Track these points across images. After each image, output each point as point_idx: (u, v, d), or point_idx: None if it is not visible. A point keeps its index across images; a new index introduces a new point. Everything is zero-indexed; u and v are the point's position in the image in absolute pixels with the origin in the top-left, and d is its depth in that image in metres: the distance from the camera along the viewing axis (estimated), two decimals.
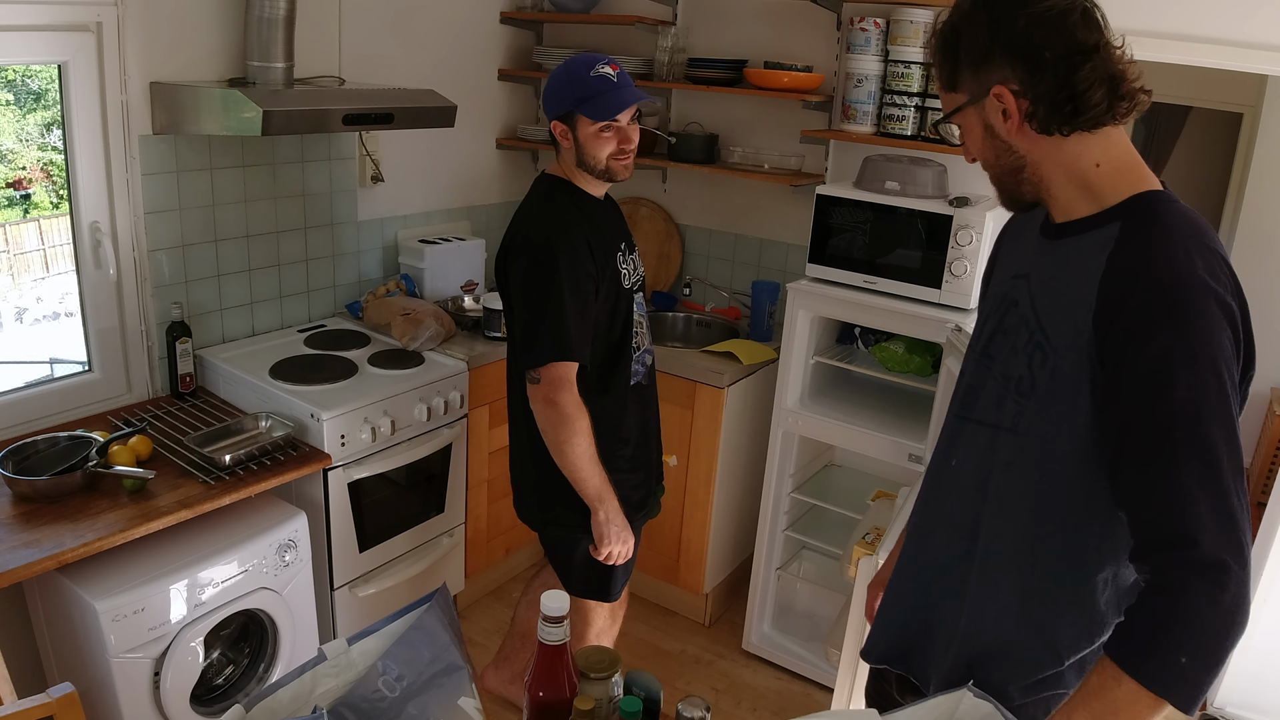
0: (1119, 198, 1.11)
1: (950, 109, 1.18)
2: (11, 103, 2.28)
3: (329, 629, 2.54)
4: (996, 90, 1.11)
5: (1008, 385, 1.20)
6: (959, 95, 1.16)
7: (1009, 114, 1.12)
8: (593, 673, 1.19)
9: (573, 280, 1.86)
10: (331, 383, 2.50)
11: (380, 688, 0.96)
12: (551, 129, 1.95)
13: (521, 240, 1.93)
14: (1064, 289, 1.14)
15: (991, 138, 1.16)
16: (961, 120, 1.18)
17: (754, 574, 2.92)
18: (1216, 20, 2.34)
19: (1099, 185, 1.12)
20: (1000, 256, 1.37)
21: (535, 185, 2.04)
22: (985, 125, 1.15)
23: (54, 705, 1.33)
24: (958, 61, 1.14)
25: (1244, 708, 2.79)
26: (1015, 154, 1.15)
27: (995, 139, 1.15)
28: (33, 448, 2.10)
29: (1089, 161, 1.12)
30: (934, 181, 2.56)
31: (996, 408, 1.22)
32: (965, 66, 1.13)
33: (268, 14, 2.35)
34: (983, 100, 1.13)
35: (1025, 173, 1.16)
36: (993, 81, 1.11)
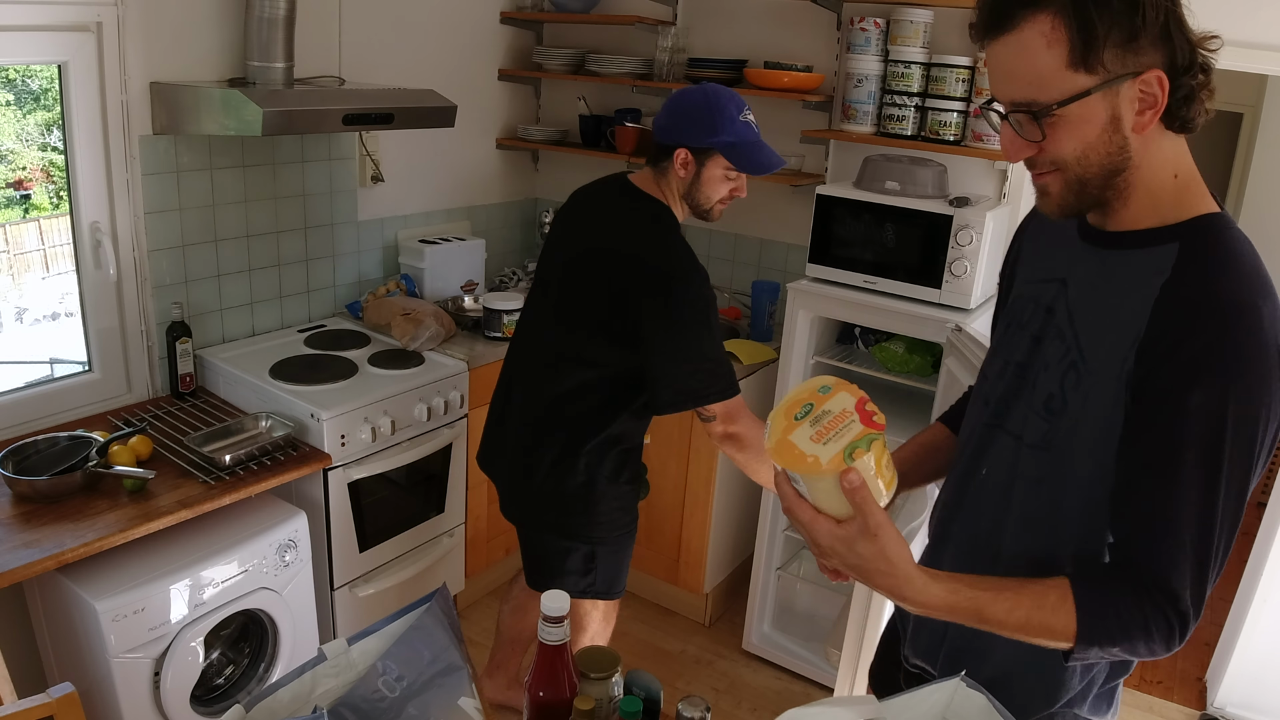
0: (1181, 216, 1.02)
1: (1073, 92, 0.96)
2: (12, 103, 2.28)
3: (329, 629, 2.54)
4: (1149, 75, 0.94)
5: (1040, 402, 1.13)
6: (1090, 77, 0.95)
7: (1151, 104, 0.96)
8: (593, 673, 1.19)
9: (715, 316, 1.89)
10: (331, 383, 2.50)
11: (380, 688, 0.96)
12: (675, 155, 1.88)
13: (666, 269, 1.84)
14: (1108, 309, 1.06)
15: (1111, 133, 0.98)
16: (1079, 109, 0.97)
17: (754, 574, 2.92)
18: (1216, 20, 2.34)
19: (1169, 198, 1.03)
20: (1023, 254, 1.28)
21: (638, 203, 1.94)
22: (1113, 116, 0.97)
23: (54, 705, 1.33)
24: (1105, 31, 0.93)
25: (1244, 708, 2.79)
26: (1126, 153, 1.00)
27: (1115, 134, 0.98)
28: (33, 448, 2.10)
29: (1170, 171, 1.02)
30: (934, 181, 2.56)
31: (1025, 422, 1.15)
32: (1111, 42, 0.93)
33: (268, 14, 2.35)
34: (1121, 85, 0.95)
35: (1123, 176, 1.02)
36: (1146, 64, 0.94)
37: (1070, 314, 1.10)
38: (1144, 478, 1.01)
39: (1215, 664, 2.91)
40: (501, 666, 2.58)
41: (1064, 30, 0.94)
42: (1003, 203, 2.70)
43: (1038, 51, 0.96)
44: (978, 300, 2.47)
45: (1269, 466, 4.61)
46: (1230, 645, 2.78)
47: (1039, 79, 0.97)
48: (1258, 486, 2.56)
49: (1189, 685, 2.97)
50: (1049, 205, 1.06)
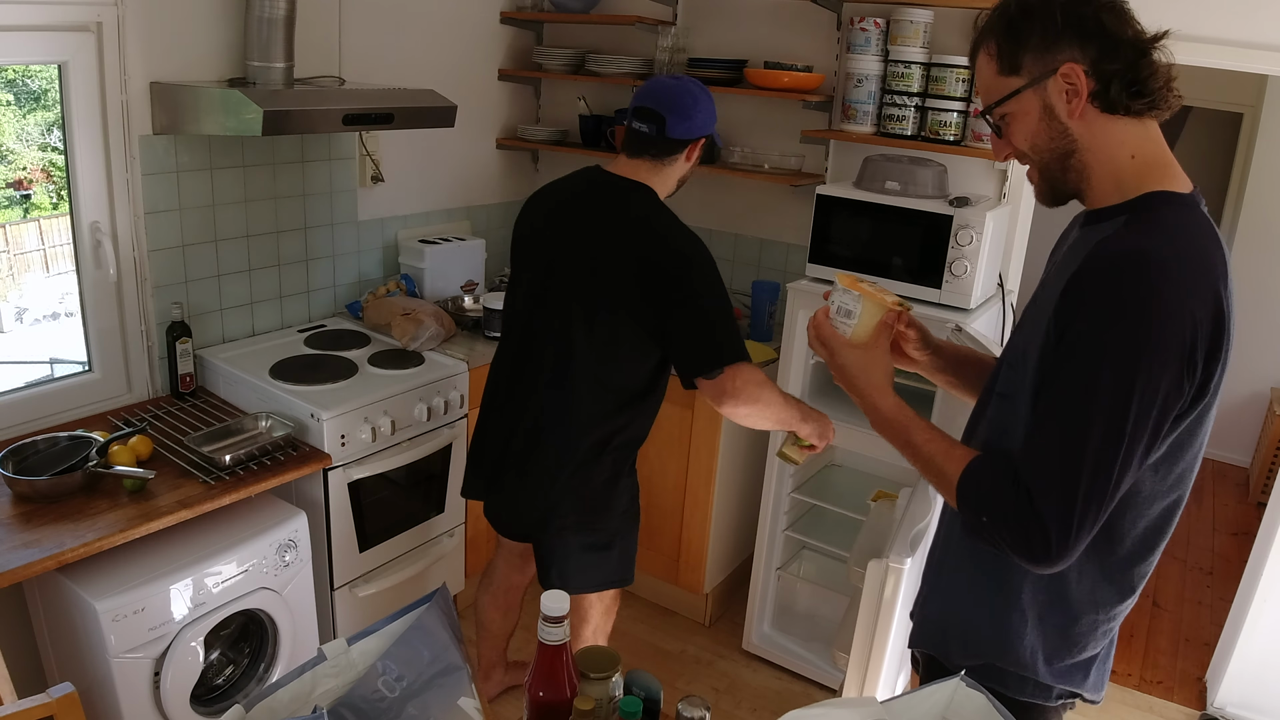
0: (1138, 192, 1.15)
1: (1005, 93, 1.18)
2: (12, 103, 2.28)
3: (329, 629, 2.54)
4: (1066, 69, 1.12)
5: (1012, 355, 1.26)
6: (1017, 78, 1.16)
7: (1076, 93, 1.13)
8: (593, 673, 1.19)
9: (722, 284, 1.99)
10: (331, 383, 2.50)
11: (380, 688, 0.96)
12: (692, 145, 2.01)
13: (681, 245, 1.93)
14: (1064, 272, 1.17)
15: (1048, 121, 1.16)
16: (1017, 105, 1.17)
17: (754, 574, 2.92)
18: (1216, 20, 2.34)
19: (1128, 177, 1.16)
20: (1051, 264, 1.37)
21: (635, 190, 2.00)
22: (1045, 107, 1.15)
23: (54, 705, 1.33)
24: (1021, 42, 1.14)
25: (1244, 708, 2.79)
26: (1069, 138, 1.16)
27: (1052, 122, 1.16)
28: (33, 448, 2.10)
29: (1127, 152, 1.15)
30: (934, 181, 2.56)
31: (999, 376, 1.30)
32: (1031, 48, 1.14)
33: (268, 14, 2.35)
34: (1046, 81, 1.14)
35: (1074, 159, 1.17)
36: (1062, 60, 1.12)
37: (1045, 281, 1.25)
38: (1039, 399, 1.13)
39: (1215, 664, 2.91)
40: (495, 665, 2.62)
41: (994, 47, 1.17)
42: (1003, 203, 2.70)
43: (984, 68, 1.20)
44: (978, 300, 2.47)
45: (1270, 467, 4.56)
46: (1230, 645, 2.78)
47: (987, 89, 1.21)
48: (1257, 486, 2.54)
49: (1189, 685, 2.97)
50: (1037, 195, 1.25)
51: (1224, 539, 4.06)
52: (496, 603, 2.51)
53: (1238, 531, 4.11)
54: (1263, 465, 4.39)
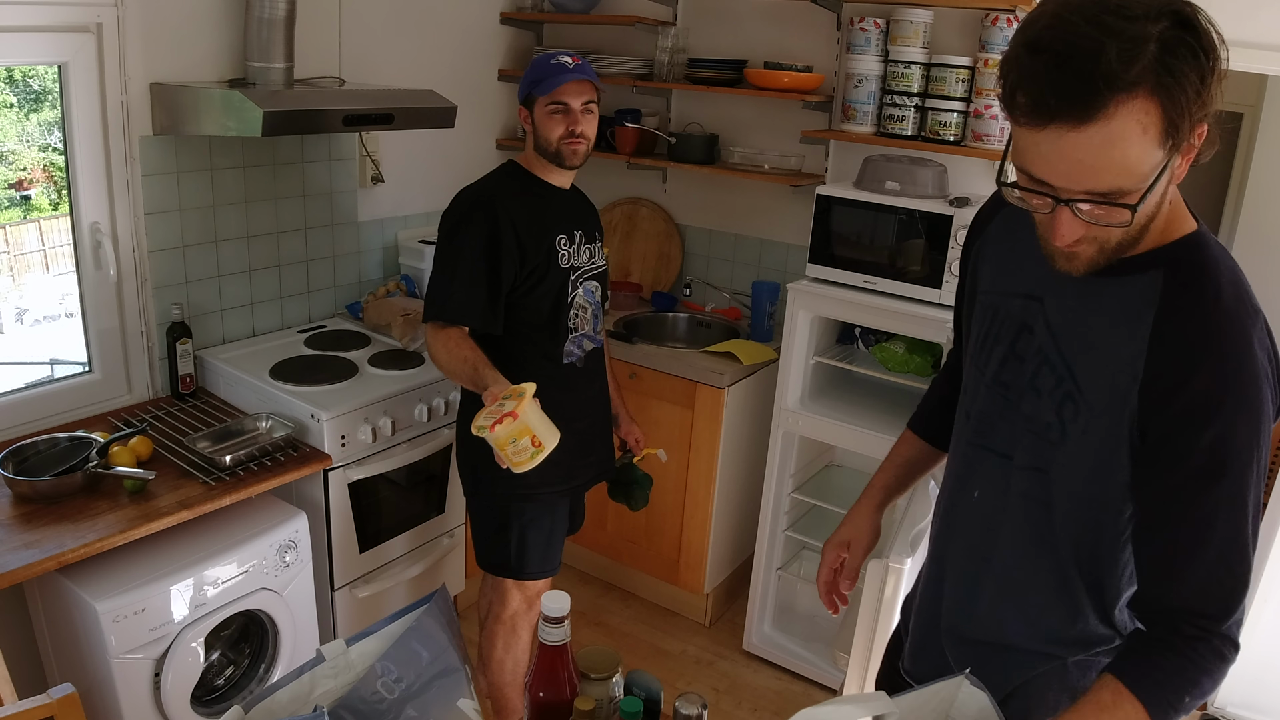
0: (1162, 240, 1.01)
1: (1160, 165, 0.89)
2: (13, 104, 2.28)
3: (329, 629, 2.54)
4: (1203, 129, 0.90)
5: (1033, 427, 1.13)
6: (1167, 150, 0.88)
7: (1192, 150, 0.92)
8: (593, 673, 1.19)
9: (480, 248, 2.00)
10: (332, 383, 2.50)
11: (379, 689, 0.96)
12: (519, 116, 2.14)
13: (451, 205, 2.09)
14: (1100, 341, 1.05)
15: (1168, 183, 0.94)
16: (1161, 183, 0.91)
17: (754, 574, 2.92)
18: (1216, 20, 2.34)
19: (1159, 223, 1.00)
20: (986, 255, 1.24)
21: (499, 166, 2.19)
22: (1173, 176, 0.93)
23: (54, 706, 1.33)
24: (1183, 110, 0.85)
25: (1244, 708, 2.79)
26: (1165, 202, 0.99)
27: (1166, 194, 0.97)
28: (33, 448, 2.10)
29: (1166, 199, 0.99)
30: (934, 181, 2.56)
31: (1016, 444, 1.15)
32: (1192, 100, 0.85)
33: (268, 14, 2.35)
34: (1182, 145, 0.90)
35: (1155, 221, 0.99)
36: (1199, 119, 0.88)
37: (1054, 338, 1.10)
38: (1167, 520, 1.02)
39: None
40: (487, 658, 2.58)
41: (1158, 110, 0.85)
42: None
43: (1133, 139, 0.85)
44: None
45: (1270, 467, 4.60)
46: None
47: (1129, 167, 0.87)
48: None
49: None
50: (1078, 266, 1.00)
51: None
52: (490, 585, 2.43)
53: None
54: None
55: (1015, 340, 1.15)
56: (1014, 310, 1.15)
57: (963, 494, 1.26)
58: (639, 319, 3.20)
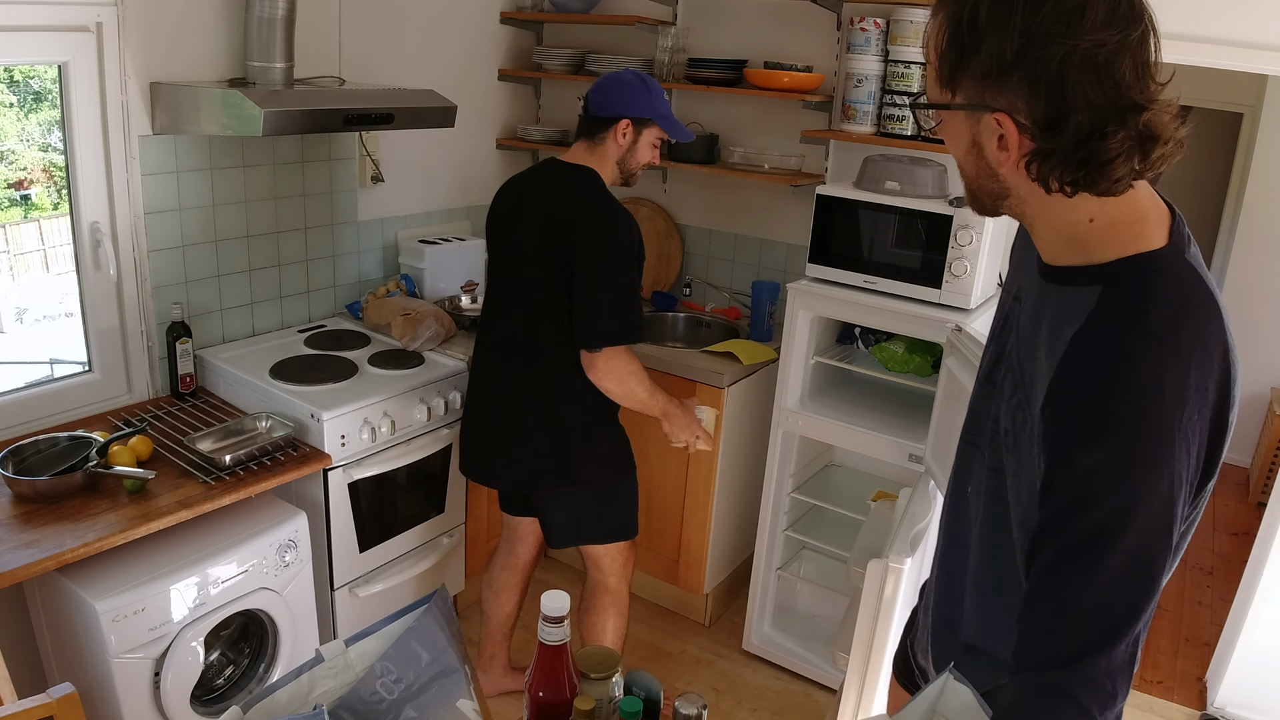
0: (1108, 257, 0.95)
1: (934, 99, 0.98)
2: (13, 104, 2.28)
3: (329, 629, 2.54)
4: (999, 117, 0.91)
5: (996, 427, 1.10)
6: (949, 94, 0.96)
7: (1006, 146, 0.93)
8: (593, 673, 1.19)
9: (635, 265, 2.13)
10: (331, 383, 2.50)
11: (378, 689, 0.96)
12: (616, 125, 2.15)
13: (601, 218, 2.10)
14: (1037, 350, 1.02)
15: (977, 156, 0.97)
16: (947, 118, 0.98)
17: (754, 574, 2.92)
18: (1216, 20, 2.34)
19: (1089, 241, 0.96)
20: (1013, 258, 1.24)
21: (573, 170, 2.19)
22: (973, 140, 0.96)
23: (54, 705, 1.33)
24: (964, 60, 0.91)
25: (1244, 708, 2.79)
26: (999, 182, 0.97)
27: (981, 159, 0.97)
28: (33, 448, 2.10)
29: (1082, 216, 0.95)
30: (934, 181, 2.56)
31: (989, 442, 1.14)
32: (972, 71, 0.91)
33: (268, 14, 2.35)
34: (979, 114, 0.93)
35: (1007, 203, 0.99)
36: (1000, 104, 0.91)
37: (1018, 343, 1.08)
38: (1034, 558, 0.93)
39: (1215, 664, 2.91)
40: (495, 657, 2.66)
41: (944, 40, 0.93)
42: None
43: (929, 51, 0.97)
44: (978, 300, 2.47)
45: (1270, 467, 4.57)
46: (1230, 645, 2.78)
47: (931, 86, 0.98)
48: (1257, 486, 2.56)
49: (1189, 685, 2.97)
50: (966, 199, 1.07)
51: (1224, 539, 4.06)
52: (491, 583, 2.60)
53: (1238, 531, 4.11)
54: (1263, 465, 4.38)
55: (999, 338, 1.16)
56: (1009, 310, 1.16)
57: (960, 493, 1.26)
58: None
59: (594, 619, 2.44)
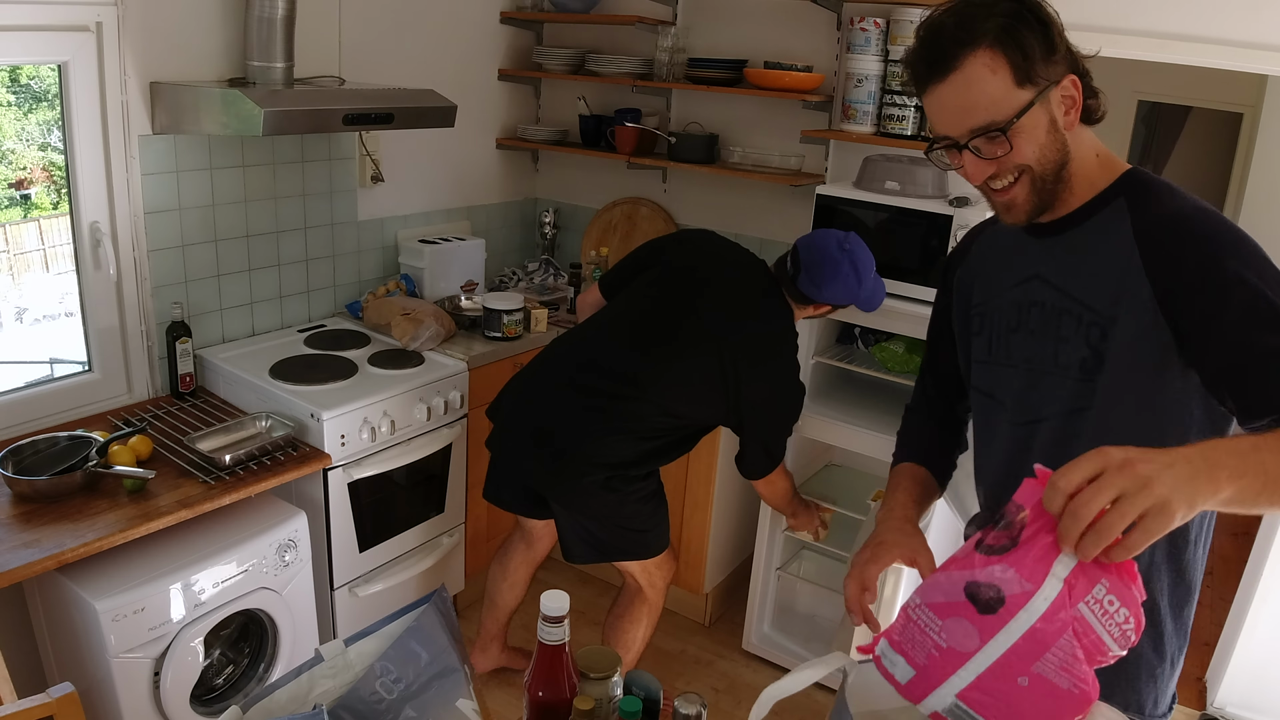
0: (1108, 182, 1.19)
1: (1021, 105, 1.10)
2: (13, 104, 2.28)
3: (329, 629, 2.54)
4: (1070, 80, 1.11)
5: (1070, 373, 1.21)
6: (1029, 90, 1.10)
7: (1074, 103, 1.13)
8: (592, 673, 1.19)
9: None
10: (331, 383, 2.50)
11: (378, 689, 0.96)
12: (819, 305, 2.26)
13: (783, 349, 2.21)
14: (1095, 269, 1.18)
15: (1053, 133, 1.13)
16: (1030, 118, 1.11)
17: (754, 574, 2.92)
18: (1216, 20, 2.34)
19: (1096, 174, 1.19)
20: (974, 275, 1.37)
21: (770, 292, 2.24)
22: (1050, 120, 1.12)
23: (54, 705, 1.33)
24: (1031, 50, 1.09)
25: (1244, 708, 2.79)
26: (1065, 149, 1.15)
27: (1056, 134, 1.14)
28: (32, 448, 2.10)
29: (1093, 152, 1.19)
30: (934, 181, 2.56)
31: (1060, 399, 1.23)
32: (1039, 57, 1.09)
33: (268, 14, 2.35)
34: (1050, 92, 1.11)
35: (1067, 169, 1.17)
36: (1062, 70, 1.11)
37: (1062, 291, 1.22)
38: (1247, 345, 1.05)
39: (1215, 664, 2.91)
40: (494, 638, 2.68)
41: (1003, 56, 1.08)
42: None
43: (985, 80, 1.09)
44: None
45: None
46: (1230, 645, 2.78)
47: (993, 103, 1.10)
48: None
49: (1189, 685, 2.97)
50: (1018, 214, 1.19)
51: (1224, 539, 4.06)
52: (506, 575, 2.60)
53: (1237, 532, 4.11)
54: None
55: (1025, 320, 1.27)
56: (1014, 299, 1.28)
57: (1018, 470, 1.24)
58: None
59: (626, 626, 2.42)
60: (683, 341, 2.15)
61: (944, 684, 0.90)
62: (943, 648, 0.90)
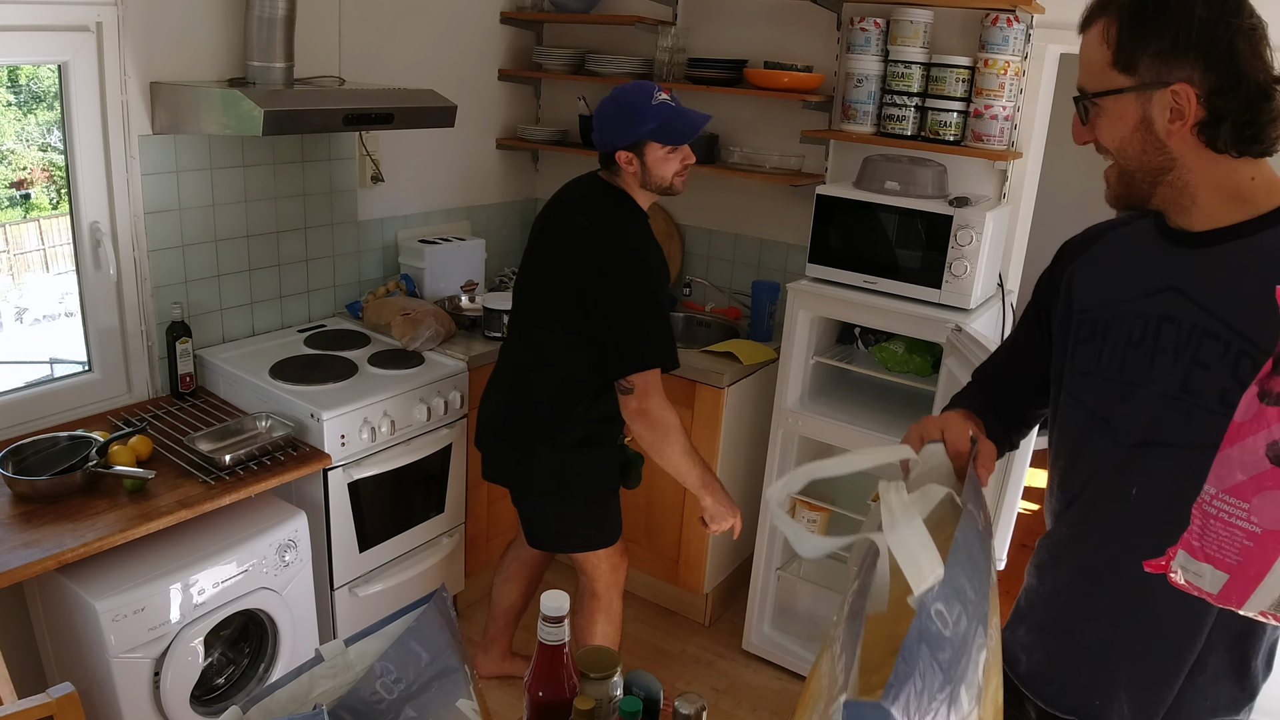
0: (1273, 204, 1.07)
1: (1107, 87, 1.07)
2: (13, 103, 2.28)
3: (329, 629, 2.54)
4: (1179, 88, 1.02)
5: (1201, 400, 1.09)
6: (1126, 77, 1.06)
7: (1180, 115, 1.04)
8: (593, 673, 1.19)
9: (664, 294, 2.08)
10: (331, 383, 2.50)
11: (378, 689, 0.96)
12: (616, 158, 2.08)
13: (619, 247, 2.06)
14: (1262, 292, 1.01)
15: (1144, 133, 1.07)
16: (1115, 104, 1.08)
17: (754, 574, 2.92)
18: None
19: (1253, 196, 1.08)
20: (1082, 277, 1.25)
21: (603, 191, 2.14)
22: (1144, 117, 1.06)
23: (54, 705, 1.34)
24: (1144, 41, 1.03)
25: None
26: (1166, 154, 1.07)
27: (1149, 135, 1.07)
28: (33, 448, 2.10)
29: (1244, 176, 1.08)
30: (934, 181, 2.56)
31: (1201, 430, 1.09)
32: (1152, 50, 1.03)
33: (268, 14, 2.35)
34: (1153, 90, 1.04)
35: (1170, 176, 1.08)
36: (1178, 76, 1.02)
37: (1208, 312, 1.09)
38: None
39: None
40: (496, 641, 2.68)
41: (1114, 32, 1.06)
42: (1003, 203, 2.70)
43: (1094, 48, 1.09)
44: (978, 300, 2.47)
45: None
46: None
47: (1091, 72, 1.10)
48: None
49: None
50: (1107, 194, 1.16)
51: None
52: (501, 570, 2.62)
53: None
54: None
55: (1153, 336, 1.14)
56: (1142, 310, 1.16)
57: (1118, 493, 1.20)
58: None
59: (581, 623, 2.42)
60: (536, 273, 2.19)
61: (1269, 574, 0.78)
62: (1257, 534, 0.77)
